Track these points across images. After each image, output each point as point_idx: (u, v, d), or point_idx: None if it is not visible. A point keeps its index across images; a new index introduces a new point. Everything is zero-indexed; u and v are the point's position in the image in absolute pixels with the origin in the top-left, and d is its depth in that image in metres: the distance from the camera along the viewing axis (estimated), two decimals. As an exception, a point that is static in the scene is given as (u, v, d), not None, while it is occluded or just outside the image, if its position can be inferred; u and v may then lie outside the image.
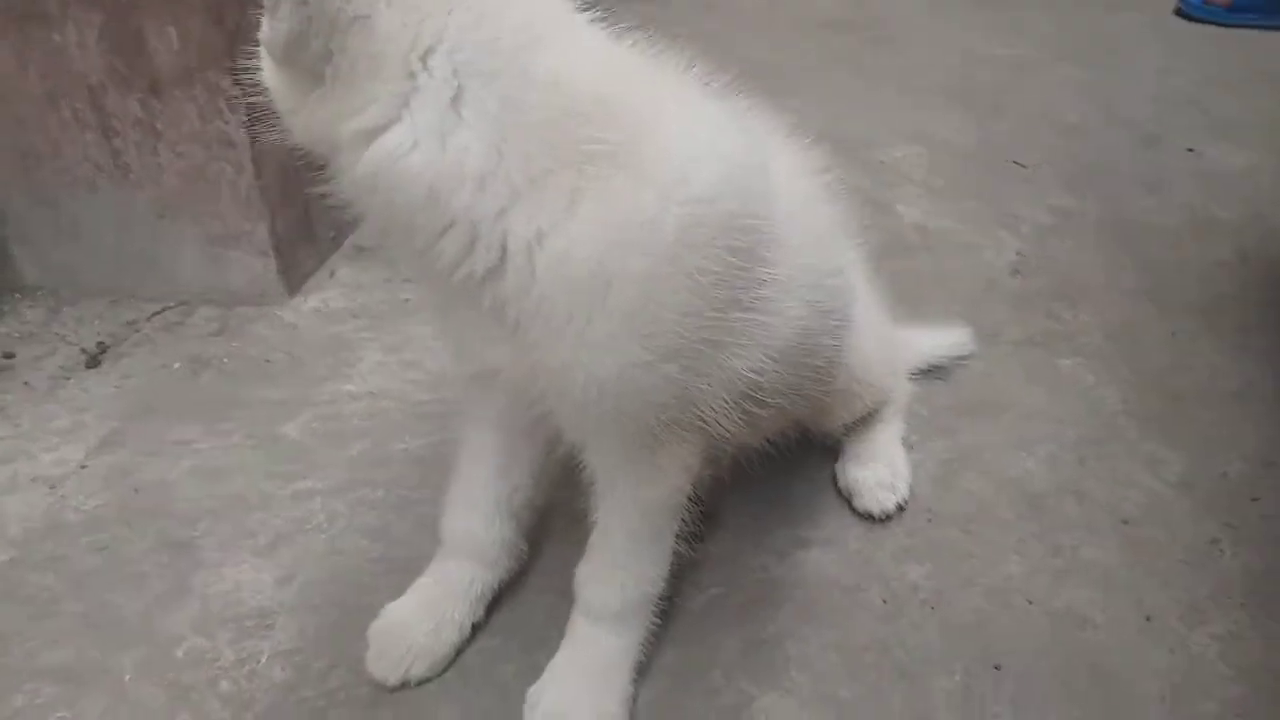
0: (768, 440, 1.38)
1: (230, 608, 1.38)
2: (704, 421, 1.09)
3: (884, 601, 1.40)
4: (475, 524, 1.31)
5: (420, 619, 1.30)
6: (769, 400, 1.13)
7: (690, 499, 1.20)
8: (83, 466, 1.60)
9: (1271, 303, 1.98)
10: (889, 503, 1.49)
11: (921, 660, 1.32)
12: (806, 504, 1.55)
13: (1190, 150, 2.58)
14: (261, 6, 0.94)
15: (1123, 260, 2.12)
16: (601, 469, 1.15)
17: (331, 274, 2.05)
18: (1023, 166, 2.50)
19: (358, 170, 0.92)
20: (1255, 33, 3.14)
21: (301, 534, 1.49)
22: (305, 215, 1.99)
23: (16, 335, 1.89)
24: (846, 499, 1.52)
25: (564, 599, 1.29)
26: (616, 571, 1.21)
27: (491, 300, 0.99)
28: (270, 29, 0.90)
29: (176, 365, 1.81)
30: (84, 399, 1.74)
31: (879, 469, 1.51)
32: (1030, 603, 1.40)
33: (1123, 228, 2.25)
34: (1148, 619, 1.37)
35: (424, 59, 0.89)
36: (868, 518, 1.50)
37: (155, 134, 1.81)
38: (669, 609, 1.31)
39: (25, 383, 1.77)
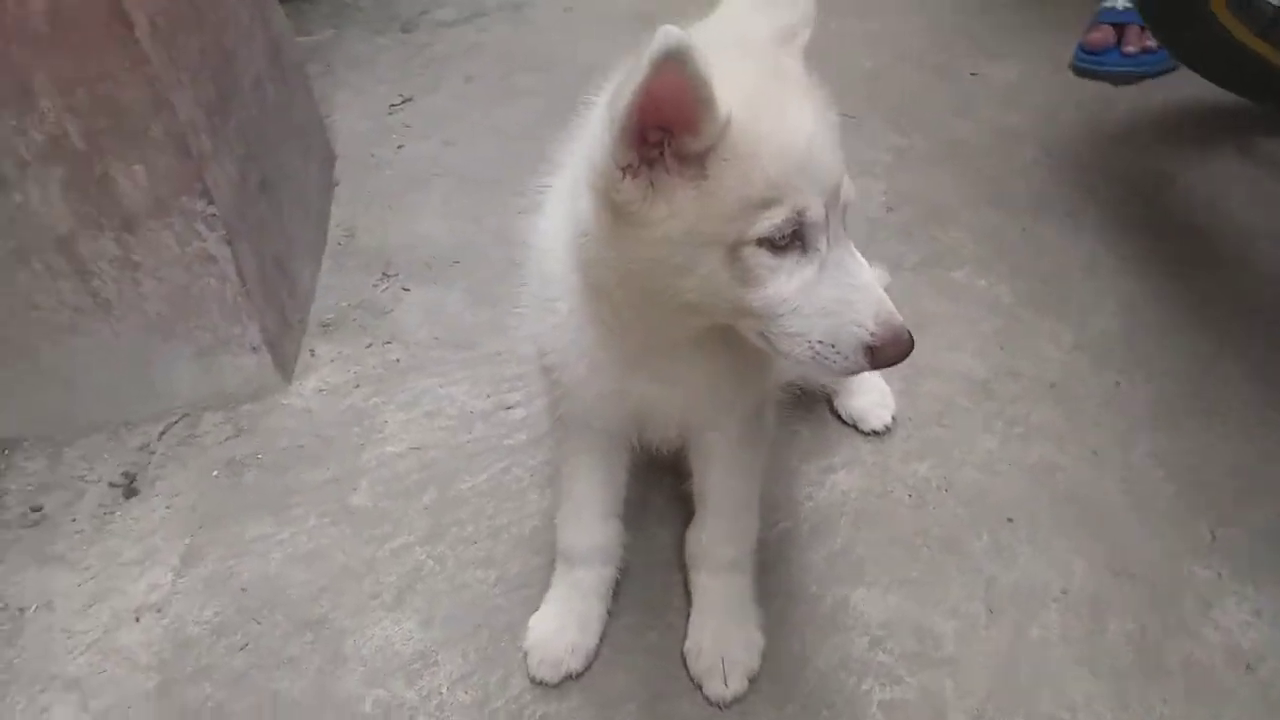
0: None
1: (390, 660, 1.57)
2: None
3: (910, 496, 1.75)
4: (595, 535, 1.55)
5: (567, 624, 1.54)
6: None
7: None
8: (178, 586, 1.71)
9: (1083, 185, 2.47)
10: (887, 417, 1.85)
11: (955, 531, 1.69)
12: (817, 438, 1.87)
13: (974, 74, 3.06)
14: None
15: (960, 178, 2.56)
16: (719, 447, 1.43)
17: (312, 353, 2.17)
18: (852, 117, 2.91)
19: None
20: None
21: (420, 581, 1.68)
22: (282, 306, 2.11)
23: (31, 488, 1.92)
24: (852, 425, 1.86)
25: (669, 569, 1.58)
26: (735, 527, 1.50)
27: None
28: None
29: (215, 473, 1.91)
30: (140, 527, 1.82)
31: (871, 395, 1.86)
32: (1010, 465, 1.79)
33: (949, 151, 2.69)
34: (1095, 453, 1.80)
35: None
36: (873, 435, 1.85)
37: (134, 266, 1.88)
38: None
39: (73, 532, 1.83)
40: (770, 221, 1.01)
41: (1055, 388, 1.93)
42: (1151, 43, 2.74)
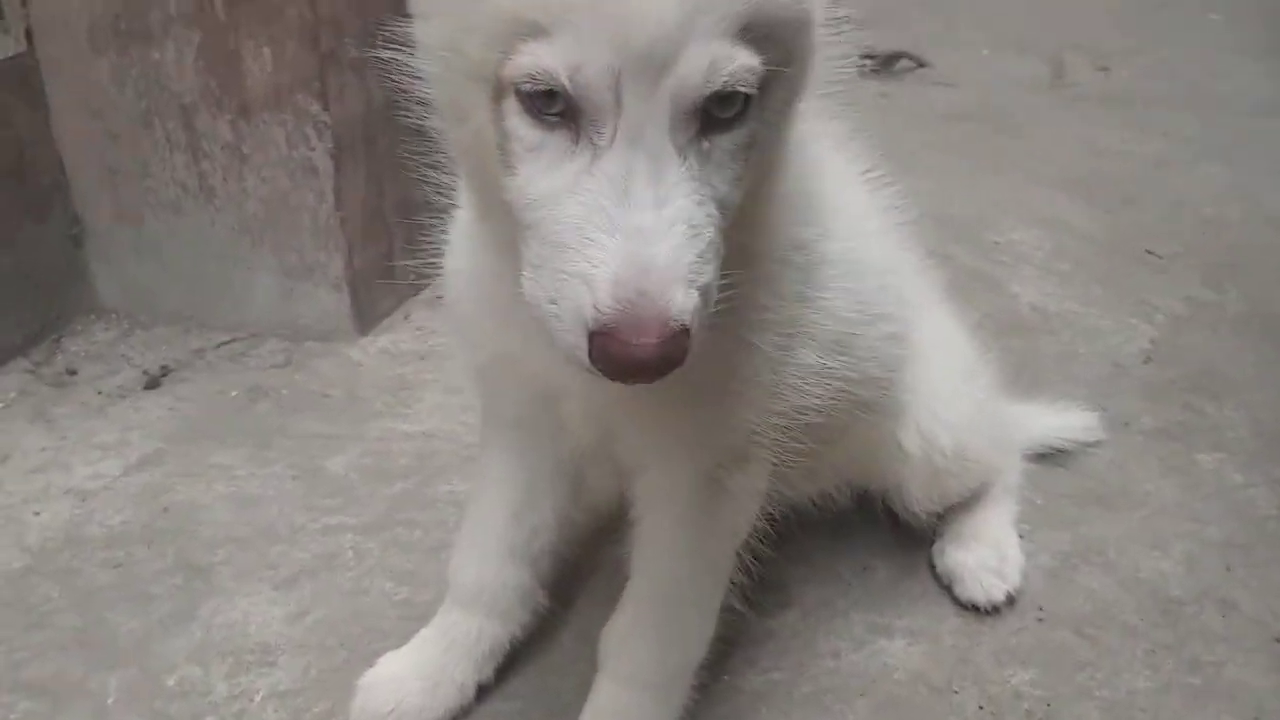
0: (815, 501, 1.27)
1: (232, 639, 1.26)
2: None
3: (980, 707, 1.17)
4: (486, 571, 1.16)
5: (416, 675, 1.15)
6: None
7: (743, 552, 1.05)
8: (116, 482, 1.52)
9: None
10: (997, 592, 1.27)
11: (1023, 782, 1.09)
12: (891, 588, 1.34)
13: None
14: None
15: (1270, 356, 1.88)
16: (660, 505, 0.99)
17: (406, 317, 1.96)
18: (1157, 256, 2.29)
19: None
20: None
21: (326, 570, 1.36)
22: (388, 254, 1.92)
23: (83, 354, 1.85)
24: (946, 585, 1.31)
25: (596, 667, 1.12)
26: (656, 630, 1.03)
27: None
28: None
29: (234, 393, 1.74)
30: (134, 418, 1.67)
31: (985, 553, 1.30)
32: (1160, 725, 1.15)
33: (1269, 323, 2.00)
34: (1312, 761, 1.11)
35: None
36: (970, 608, 1.28)
37: (242, 158, 1.79)
38: (718, 686, 1.13)
39: (82, 401, 1.72)
40: (520, 62, 0.65)
41: (1285, 647, 1.25)
42: None
